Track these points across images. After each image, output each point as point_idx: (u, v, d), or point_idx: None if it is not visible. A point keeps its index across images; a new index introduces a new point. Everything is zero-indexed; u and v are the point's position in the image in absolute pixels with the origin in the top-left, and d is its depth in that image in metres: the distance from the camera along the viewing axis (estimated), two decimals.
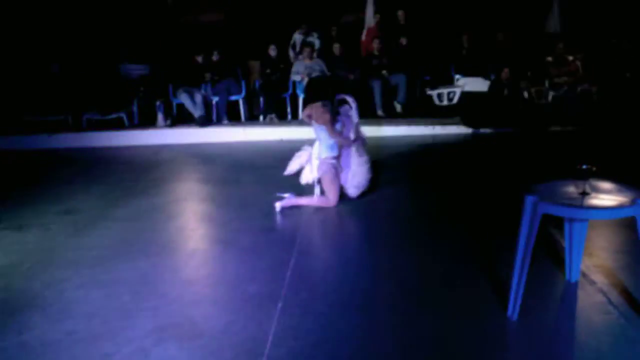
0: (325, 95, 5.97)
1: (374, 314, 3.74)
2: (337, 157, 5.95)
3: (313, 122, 5.92)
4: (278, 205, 5.87)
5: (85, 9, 11.89)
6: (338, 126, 5.92)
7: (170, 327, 3.59)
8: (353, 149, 6.00)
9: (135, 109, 10.96)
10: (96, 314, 3.82)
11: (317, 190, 6.02)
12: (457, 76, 11.59)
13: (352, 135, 6.00)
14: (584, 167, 3.36)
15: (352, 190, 6.04)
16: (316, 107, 5.88)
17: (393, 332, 3.49)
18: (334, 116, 5.87)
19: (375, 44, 11.41)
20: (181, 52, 11.57)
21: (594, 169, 3.36)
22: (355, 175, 6.01)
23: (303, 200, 5.94)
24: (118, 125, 10.64)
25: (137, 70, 11.52)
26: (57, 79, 10.86)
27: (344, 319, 3.65)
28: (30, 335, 3.57)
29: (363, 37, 12.24)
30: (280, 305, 3.83)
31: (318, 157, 5.95)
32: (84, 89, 10.83)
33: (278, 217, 5.76)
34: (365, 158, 6.08)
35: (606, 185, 3.52)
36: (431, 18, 12.27)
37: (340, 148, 5.96)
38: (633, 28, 11.36)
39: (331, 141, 5.87)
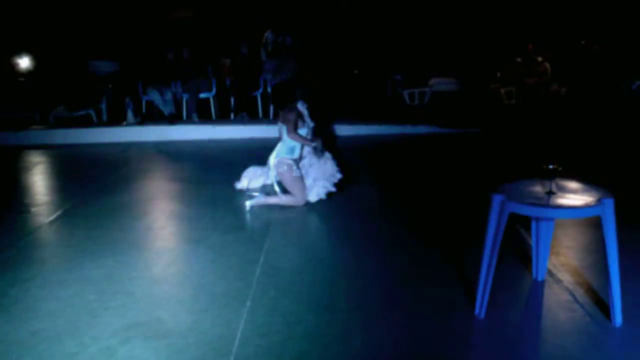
0: (290, 100, 6.01)
1: (341, 312, 3.73)
2: (297, 161, 5.93)
3: (279, 122, 5.95)
4: (248, 204, 5.85)
5: (54, 5, 11.72)
6: (303, 131, 5.92)
7: (137, 326, 3.55)
8: (313, 155, 6.00)
9: (104, 106, 10.83)
10: (61, 313, 3.76)
11: (277, 189, 6.00)
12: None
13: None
14: (550, 166, 3.40)
15: (318, 191, 6.03)
16: (283, 111, 5.92)
17: (360, 331, 3.49)
18: (297, 119, 5.86)
19: None
20: (151, 49, 11.46)
21: (560, 168, 3.40)
22: (319, 179, 6.00)
23: (272, 199, 5.92)
24: (86, 122, 10.51)
25: (106, 67, 11.39)
26: (25, 74, 10.70)
27: (312, 318, 3.64)
28: None
29: None
30: (248, 303, 3.81)
31: (277, 155, 5.94)
32: (52, 85, 10.67)
33: (247, 216, 5.74)
34: (327, 155, 6.10)
35: (572, 184, 3.56)
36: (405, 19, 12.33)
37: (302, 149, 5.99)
38: (602, 30, 11.53)
39: (293, 143, 5.88)
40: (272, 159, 5.96)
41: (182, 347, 3.31)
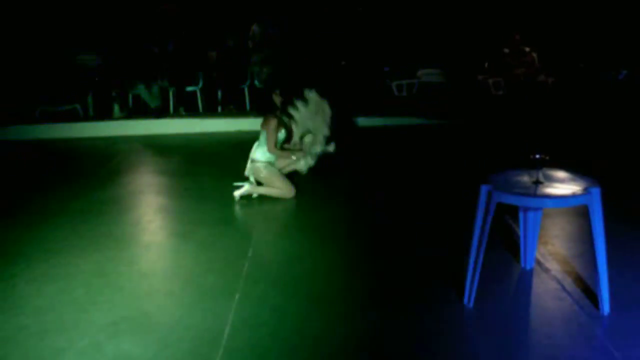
0: (270, 108, 6.00)
1: (330, 305, 3.73)
2: (273, 164, 5.96)
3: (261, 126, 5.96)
4: (237, 193, 5.83)
5: None
6: (281, 136, 5.93)
7: (125, 321, 3.54)
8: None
9: (90, 100, 10.75)
10: (49, 308, 3.73)
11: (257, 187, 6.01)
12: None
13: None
14: (537, 156, 3.40)
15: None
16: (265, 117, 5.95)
17: (349, 323, 3.49)
18: (277, 128, 5.87)
19: None
20: (137, 42, 11.37)
21: (547, 158, 3.41)
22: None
23: (261, 189, 5.90)
24: (73, 117, 10.43)
25: (92, 60, 11.29)
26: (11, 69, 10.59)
27: (300, 310, 3.64)
28: None
29: None
30: (237, 296, 3.80)
31: (253, 158, 5.93)
32: (38, 79, 10.57)
33: (236, 209, 5.72)
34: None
35: (559, 174, 3.57)
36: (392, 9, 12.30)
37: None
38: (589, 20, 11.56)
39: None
40: (251, 156, 5.95)
41: (170, 341, 3.30)
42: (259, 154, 5.89)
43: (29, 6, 11.47)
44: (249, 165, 5.95)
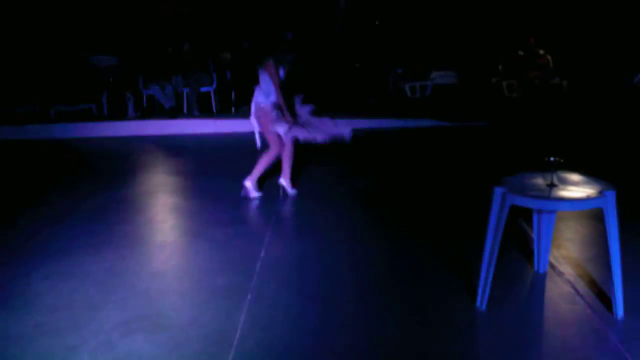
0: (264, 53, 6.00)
1: (343, 306, 3.72)
2: (274, 105, 5.90)
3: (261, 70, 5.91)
4: (253, 195, 5.87)
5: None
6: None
7: (137, 320, 3.55)
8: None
9: (104, 100, 10.82)
10: (62, 306, 3.75)
11: (257, 138, 6.04)
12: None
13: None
14: (552, 159, 3.38)
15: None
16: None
17: (362, 324, 3.49)
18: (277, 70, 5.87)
19: None
20: (151, 43, 11.43)
21: (562, 161, 3.39)
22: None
23: (256, 171, 5.93)
24: (87, 117, 10.50)
25: (106, 61, 11.37)
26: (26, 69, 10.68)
27: (313, 311, 3.63)
28: None
29: None
30: (249, 297, 3.81)
31: (255, 102, 5.92)
32: (52, 80, 10.65)
33: (248, 209, 5.73)
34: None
35: (574, 177, 3.55)
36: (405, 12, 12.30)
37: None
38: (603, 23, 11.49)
39: (268, 88, 5.83)
40: (254, 101, 5.95)
41: (182, 341, 3.31)
42: (262, 97, 5.87)
43: (45, 7, 11.55)
44: (253, 108, 5.94)
